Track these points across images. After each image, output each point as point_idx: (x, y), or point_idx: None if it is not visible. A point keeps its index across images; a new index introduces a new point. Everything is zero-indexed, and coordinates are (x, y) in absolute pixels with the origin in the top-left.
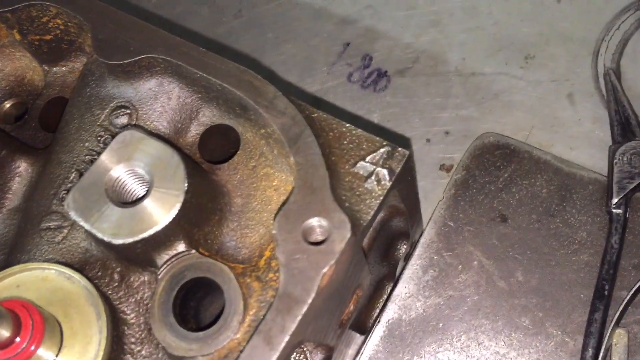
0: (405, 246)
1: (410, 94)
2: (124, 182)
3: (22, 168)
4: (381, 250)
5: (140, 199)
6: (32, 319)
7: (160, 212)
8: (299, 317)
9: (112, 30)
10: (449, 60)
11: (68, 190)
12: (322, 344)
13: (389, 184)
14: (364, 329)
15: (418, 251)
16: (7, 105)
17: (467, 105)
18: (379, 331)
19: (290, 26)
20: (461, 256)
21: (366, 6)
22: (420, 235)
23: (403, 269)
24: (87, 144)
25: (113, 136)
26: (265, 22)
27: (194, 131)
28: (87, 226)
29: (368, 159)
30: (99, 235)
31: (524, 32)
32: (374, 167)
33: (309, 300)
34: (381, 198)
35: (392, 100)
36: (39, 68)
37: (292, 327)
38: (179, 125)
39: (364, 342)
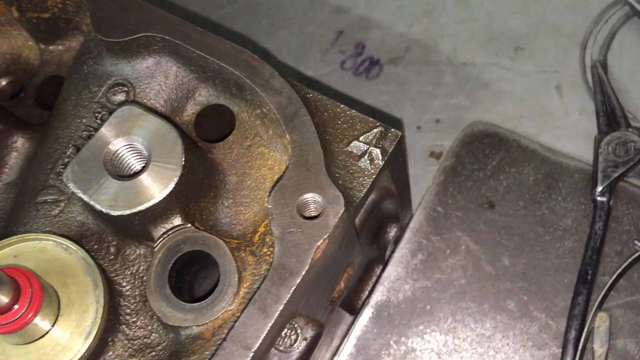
0: (395, 229)
1: (402, 82)
2: (122, 155)
3: (19, 143)
4: (371, 233)
5: (138, 173)
6: (31, 287)
7: (158, 185)
8: (293, 288)
9: (110, 8)
10: (440, 50)
11: (65, 165)
12: (313, 320)
13: (381, 163)
14: (353, 310)
15: (407, 235)
16: (3, 83)
17: (458, 94)
18: (367, 312)
19: (284, 13)
20: (449, 241)
21: None
22: (410, 220)
23: (392, 252)
24: (84, 120)
25: (110, 113)
26: (259, 9)
27: (190, 110)
28: (85, 198)
29: (362, 138)
30: (97, 206)
31: (514, 24)
32: (368, 146)
33: (303, 272)
34: (374, 176)
35: (384, 88)
36: (35, 47)
37: (286, 297)
38: (176, 104)
39: (352, 323)
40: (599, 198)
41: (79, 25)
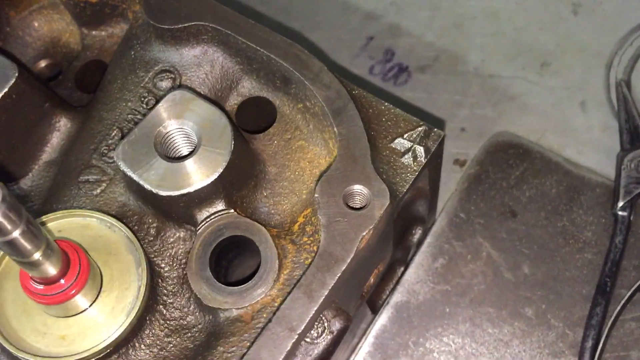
0: (419, 232)
1: (430, 90)
2: (172, 138)
3: (62, 123)
4: (398, 233)
5: (186, 156)
6: (80, 264)
7: (206, 169)
8: (338, 275)
9: None
10: (468, 61)
11: (108, 146)
12: (342, 313)
13: (424, 161)
14: (374, 309)
15: (429, 239)
16: (42, 65)
17: (484, 105)
18: (387, 312)
19: (316, 16)
20: (470, 247)
21: (391, 3)
22: (432, 224)
23: (414, 254)
24: (129, 104)
25: (156, 98)
26: (291, 11)
27: (233, 101)
28: (134, 177)
29: (406, 136)
30: (146, 186)
31: (542, 41)
32: (412, 144)
33: (348, 260)
34: (416, 173)
35: (411, 95)
36: (77, 31)
37: (331, 283)
38: (219, 94)
39: (371, 321)
40: (620, 213)
41: (124, 13)
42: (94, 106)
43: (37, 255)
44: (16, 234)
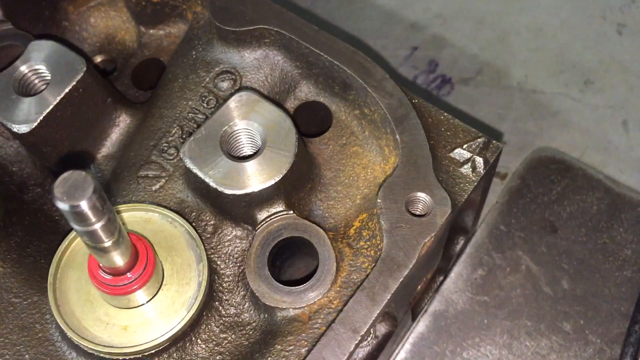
0: (461, 242)
1: (472, 103)
2: (237, 138)
3: (122, 118)
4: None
5: (251, 156)
6: (147, 259)
7: (270, 170)
8: (401, 279)
9: None
10: (512, 75)
11: (168, 143)
12: (389, 318)
13: (482, 172)
14: (413, 316)
15: (469, 250)
16: (97, 60)
17: (526, 119)
18: (425, 320)
19: (361, 24)
20: (510, 259)
21: (436, 15)
22: (473, 235)
23: (453, 264)
24: (190, 103)
25: (217, 98)
26: (336, 18)
27: (289, 105)
28: (200, 174)
29: (465, 146)
30: (212, 184)
31: (585, 59)
32: (471, 154)
33: (410, 266)
34: (475, 184)
35: (454, 107)
36: (133, 29)
37: (394, 287)
38: (277, 97)
39: (409, 329)
40: None
41: (184, 13)
42: (154, 103)
43: (109, 244)
44: (99, 224)
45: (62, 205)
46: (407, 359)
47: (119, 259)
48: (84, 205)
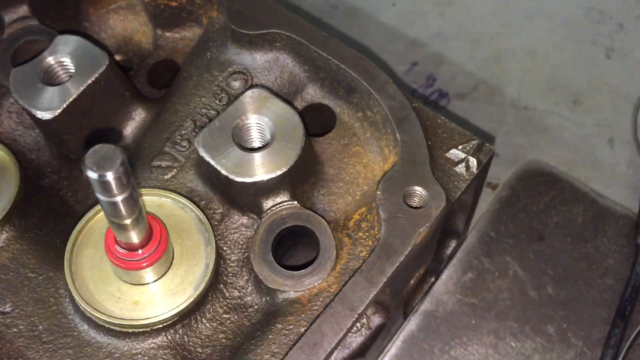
0: (453, 245)
1: (467, 116)
2: (248, 130)
3: (137, 112)
4: (435, 243)
5: (261, 148)
6: (160, 240)
7: (279, 161)
8: (397, 265)
9: (243, 4)
10: (505, 92)
11: (182, 136)
12: (383, 310)
13: (475, 172)
14: (404, 314)
15: (460, 254)
16: (116, 59)
17: (517, 134)
18: (416, 319)
19: (363, 40)
20: (499, 264)
21: (436, 34)
22: (464, 240)
23: (444, 267)
24: (203, 99)
25: (229, 96)
26: (340, 34)
27: (296, 106)
28: (213, 162)
29: (460, 147)
30: (223, 171)
31: (575, 79)
32: (465, 155)
33: (406, 252)
34: (468, 182)
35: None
36: (150, 32)
37: (390, 271)
38: (285, 98)
39: (399, 326)
40: None
41: (199, 18)
42: (169, 99)
43: (130, 220)
44: (122, 197)
45: (92, 174)
46: (398, 355)
47: (135, 236)
48: (110, 175)
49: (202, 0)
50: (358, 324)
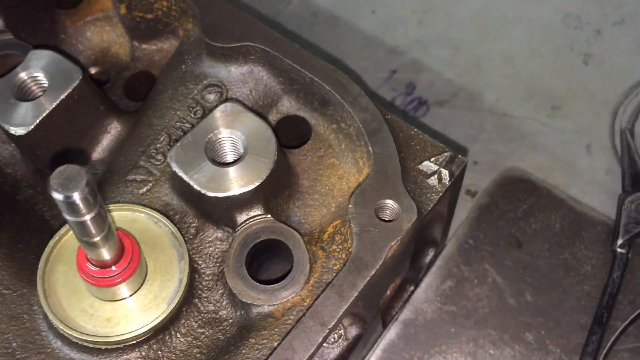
0: (431, 254)
1: (447, 124)
2: (221, 145)
3: (113, 125)
4: (413, 253)
5: (234, 162)
6: (132, 256)
7: (251, 175)
8: (367, 278)
9: (218, 17)
10: (484, 99)
11: (156, 150)
12: (359, 320)
13: (448, 183)
14: (384, 323)
15: (439, 262)
16: (92, 72)
17: (497, 141)
18: (395, 327)
19: (344, 47)
20: (477, 272)
21: (415, 40)
22: (443, 248)
23: (424, 275)
24: (178, 113)
25: (203, 109)
26: (321, 41)
27: (271, 118)
28: (185, 177)
29: (432, 159)
30: (196, 186)
31: (553, 86)
32: (438, 167)
33: (377, 266)
34: (440, 194)
35: (429, 127)
36: (127, 43)
37: (361, 285)
38: (260, 110)
39: (379, 335)
40: (618, 250)
41: (175, 30)
42: (144, 112)
43: (99, 238)
44: (90, 216)
45: (57, 195)
46: None
47: (106, 253)
48: (76, 196)
49: (177, 12)
50: (335, 336)
